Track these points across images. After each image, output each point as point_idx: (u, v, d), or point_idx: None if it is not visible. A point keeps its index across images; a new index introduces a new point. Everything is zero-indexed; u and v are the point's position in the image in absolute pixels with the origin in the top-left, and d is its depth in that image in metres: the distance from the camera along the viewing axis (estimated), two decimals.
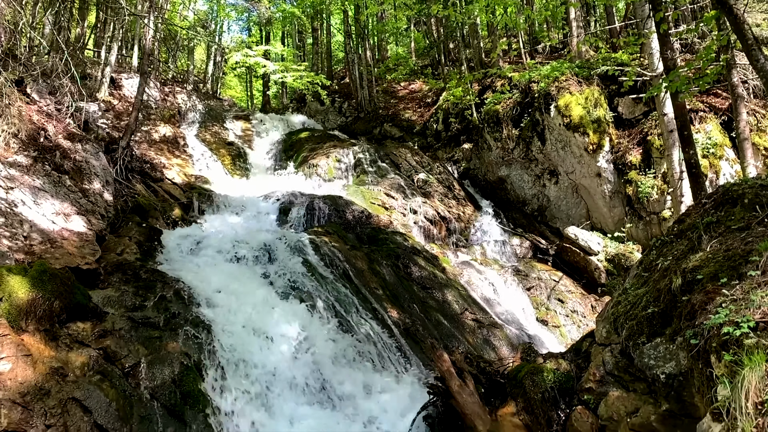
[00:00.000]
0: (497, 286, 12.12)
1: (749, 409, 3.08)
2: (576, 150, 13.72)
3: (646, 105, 13.41)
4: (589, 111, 13.48)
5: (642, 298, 5.14)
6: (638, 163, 12.86)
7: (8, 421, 4.74)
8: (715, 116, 12.57)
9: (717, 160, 11.89)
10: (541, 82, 14.37)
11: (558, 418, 5.30)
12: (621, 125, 13.73)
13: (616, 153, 13.34)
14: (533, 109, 14.82)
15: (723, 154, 12.00)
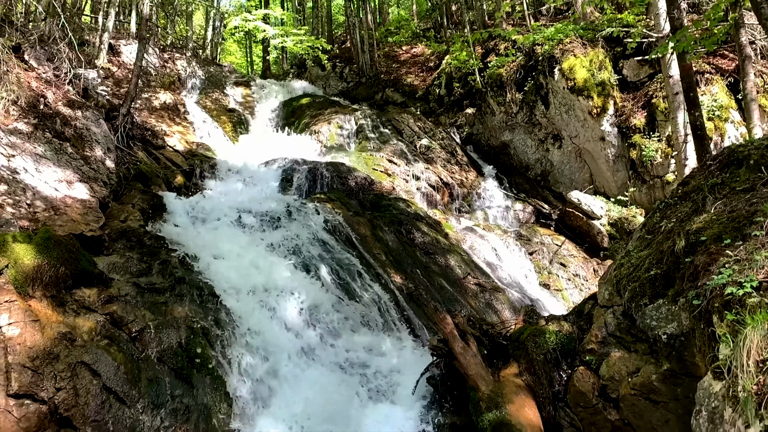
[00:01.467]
0: (499, 251, 12.16)
1: (750, 367, 3.11)
2: (580, 114, 13.59)
3: (652, 67, 13.22)
4: (593, 74, 13.31)
5: (645, 260, 5.15)
6: (642, 127, 12.75)
7: (19, 385, 4.82)
8: (721, 78, 12.40)
9: (722, 123, 11.78)
10: (545, 44, 14.15)
11: (560, 379, 5.37)
12: (626, 88, 13.56)
13: (620, 116, 13.21)
14: (537, 72, 14.63)
15: (728, 116, 11.87)
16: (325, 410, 5.69)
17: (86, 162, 8.57)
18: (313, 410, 5.66)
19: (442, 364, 6.25)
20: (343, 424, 5.53)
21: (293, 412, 5.65)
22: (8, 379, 4.83)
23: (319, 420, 5.51)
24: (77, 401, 5.01)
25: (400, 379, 6.54)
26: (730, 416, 3.19)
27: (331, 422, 5.51)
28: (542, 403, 5.25)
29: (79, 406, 4.99)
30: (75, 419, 4.90)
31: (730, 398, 3.23)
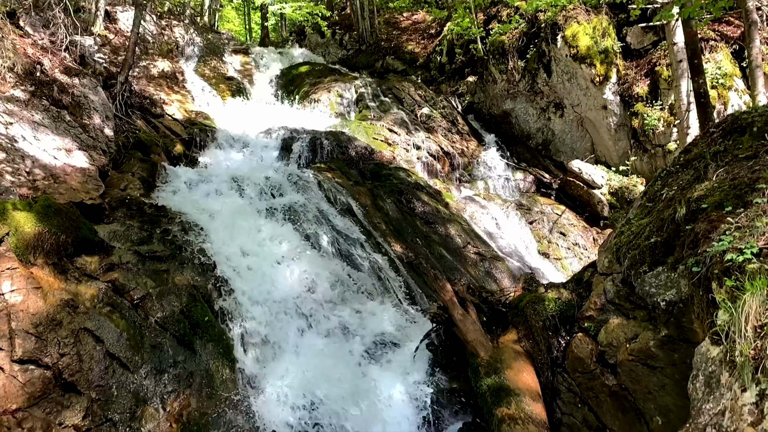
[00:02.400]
0: (500, 220, 12.17)
1: (748, 333, 3.13)
2: (582, 82, 13.45)
3: (656, 34, 13.02)
4: (596, 41, 13.13)
5: (645, 228, 5.15)
6: (645, 95, 12.63)
7: (23, 351, 4.87)
8: (726, 45, 12.23)
9: (726, 91, 11.66)
10: (548, 11, 13.93)
11: (558, 345, 5.42)
12: (629, 56, 13.39)
13: (622, 85, 13.08)
14: (539, 39, 14.43)
15: (732, 84, 11.75)
16: (326, 376, 5.76)
17: (85, 130, 8.51)
18: (314, 376, 5.73)
19: (441, 330, 6.31)
20: (343, 389, 5.61)
21: (294, 377, 5.72)
22: (12, 345, 4.87)
23: (320, 385, 5.58)
24: (81, 367, 5.07)
25: (399, 346, 6.61)
26: (727, 380, 3.22)
27: (332, 387, 5.59)
28: (540, 368, 5.31)
29: (83, 372, 5.05)
30: (79, 384, 4.96)
31: (728, 363, 3.26)
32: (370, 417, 5.27)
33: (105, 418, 4.90)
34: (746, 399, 2.99)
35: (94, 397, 4.98)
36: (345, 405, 5.36)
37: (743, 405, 2.99)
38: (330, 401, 5.38)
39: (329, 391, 5.51)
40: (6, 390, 4.64)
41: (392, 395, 5.61)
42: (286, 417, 5.14)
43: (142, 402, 5.12)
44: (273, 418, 5.09)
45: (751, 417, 2.91)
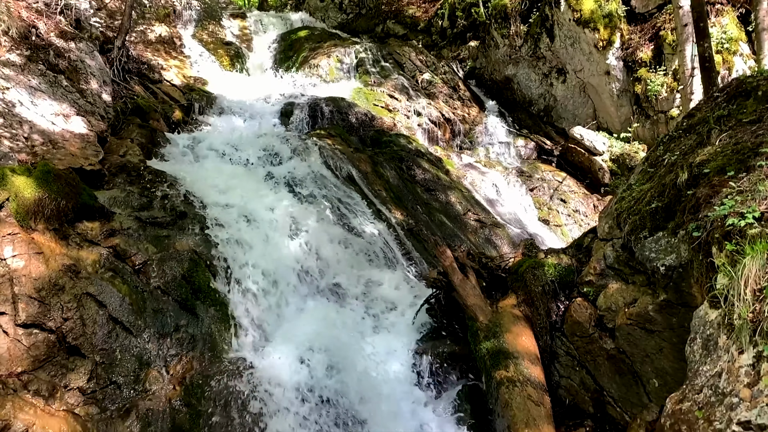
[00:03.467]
0: (500, 187, 12.15)
1: (747, 296, 3.16)
2: (585, 47, 13.26)
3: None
4: (600, 5, 12.89)
5: (646, 193, 5.14)
6: (649, 60, 12.45)
7: (26, 315, 4.91)
8: (732, 9, 12.02)
9: (731, 56, 11.50)
10: None
11: (557, 310, 5.47)
12: (633, 20, 13.16)
13: (626, 50, 12.89)
14: (542, 3, 14.17)
15: (737, 49, 11.58)
16: (327, 339, 5.82)
17: (82, 95, 8.43)
18: (315, 339, 5.78)
19: (441, 295, 6.36)
20: (343, 352, 5.67)
21: (295, 340, 5.78)
22: (16, 310, 4.91)
23: (321, 348, 5.64)
24: (84, 331, 5.12)
25: (400, 311, 6.67)
26: (725, 343, 3.26)
27: (333, 350, 5.65)
28: (539, 332, 5.37)
29: (87, 336, 5.11)
30: (83, 348, 5.02)
31: (725, 326, 3.30)
32: (370, 379, 5.34)
33: (109, 381, 4.97)
34: (743, 361, 3.03)
35: (98, 360, 5.04)
36: (345, 367, 5.42)
37: (740, 367, 3.03)
38: (330, 364, 5.45)
39: (330, 354, 5.57)
40: (11, 353, 4.70)
41: (392, 358, 5.67)
42: (287, 378, 5.21)
43: (146, 365, 5.19)
44: (274, 380, 5.16)
45: (747, 378, 2.96)
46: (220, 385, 5.13)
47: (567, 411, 4.97)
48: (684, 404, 3.37)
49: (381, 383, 5.33)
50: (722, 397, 3.09)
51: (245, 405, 4.96)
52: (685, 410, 3.33)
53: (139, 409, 4.85)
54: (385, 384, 5.34)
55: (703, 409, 3.19)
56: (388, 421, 5.01)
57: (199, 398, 5.02)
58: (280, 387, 5.12)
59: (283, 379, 5.21)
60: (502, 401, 4.60)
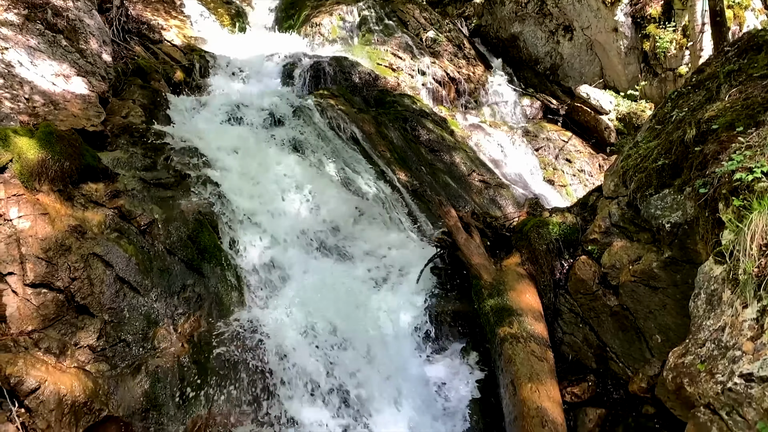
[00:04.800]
0: (505, 148, 12.06)
1: (753, 251, 3.15)
2: (593, 2, 12.96)
3: None
4: None
5: (653, 150, 5.09)
6: (658, 16, 12.18)
7: (34, 275, 4.96)
8: None
9: (742, 11, 11.24)
10: None
11: (561, 268, 5.49)
12: None
13: (635, 5, 12.59)
14: None
15: (749, 4, 11.31)
16: (332, 298, 5.88)
17: (82, 55, 8.31)
18: (320, 298, 5.84)
19: (445, 255, 6.38)
20: (349, 310, 5.73)
21: (300, 299, 5.83)
22: (24, 270, 4.96)
23: (327, 306, 5.70)
24: (92, 290, 5.18)
25: (404, 270, 6.69)
26: (729, 298, 3.27)
27: (338, 308, 5.71)
28: (543, 290, 5.40)
29: (95, 295, 5.16)
30: (92, 307, 5.08)
31: (730, 281, 3.30)
32: (375, 337, 5.41)
33: (118, 339, 5.05)
34: (747, 315, 3.04)
35: (107, 319, 5.11)
36: (350, 325, 5.49)
37: (744, 321, 3.05)
38: (336, 322, 5.51)
39: (335, 312, 5.63)
40: (21, 312, 4.76)
41: (397, 316, 5.73)
42: (293, 336, 5.28)
43: (154, 324, 5.26)
44: (280, 337, 5.23)
45: (750, 332, 2.97)
46: (227, 342, 5.21)
47: (570, 366, 5.04)
48: (686, 358, 3.40)
49: (386, 340, 5.40)
50: (725, 350, 3.12)
51: (252, 361, 5.04)
52: (687, 364, 3.37)
53: (149, 366, 4.94)
54: (391, 340, 5.41)
55: (705, 363, 3.22)
56: (394, 375, 5.09)
57: (207, 356, 5.10)
58: (286, 343, 5.19)
59: (289, 336, 5.28)
60: (506, 357, 4.66)
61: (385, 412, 4.83)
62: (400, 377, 5.08)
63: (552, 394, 4.28)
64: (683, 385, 3.36)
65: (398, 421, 4.78)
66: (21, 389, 4.18)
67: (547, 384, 4.32)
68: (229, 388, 4.91)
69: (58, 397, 4.30)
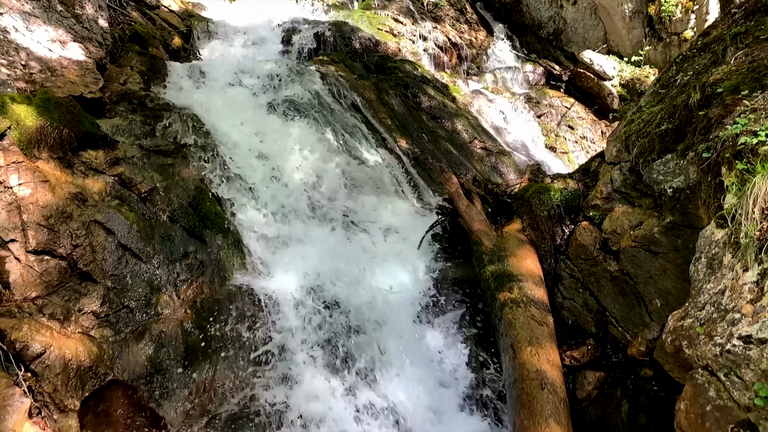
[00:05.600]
0: (507, 114, 11.96)
1: (755, 214, 3.14)
2: None
3: None
4: None
5: (656, 115, 5.04)
6: None
7: (36, 242, 4.97)
8: None
9: None
10: None
11: (562, 234, 5.49)
12: None
13: None
14: None
15: None
16: (333, 264, 5.90)
17: (78, 21, 8.18)
18: (321, 263, 5.87)
19: (446, 222, 6.38)
20: (350, 276, 5.76)
21: (302, 265, 5.85)
22: (26, 237, 4.97)
23: (327, 272, 5.73)
24: (95, 257, 5.19)
25: (405, 237, 6.71)
26: (729, 261, 3.27)
27: (339, 274, 5.74)
28: (544, 256, 5.41)
29: (97, 262, 5.18)
30: (94, 273, 5.11)
31: (731, 244, 3.30)
32: (376, 302, 5.45)
33: (122, 305, 5.09)
34: (747, 278, 3.05)
35: (110, 285, 5.14)
36: (352, 290, 5.52)
37: (744, 284, 3.05)
38: (337, 287, 5.54)
39: (337, 279, 5.66)
40: (24, 279, 4.79)
41: (398, 282, 5.76)
42: (294, 300, 5.32)
43: (157, 290, 5.29)
44: (282, 303, 5.27)
45: (750, 295, 2.98)
46: (230, 309, 5.25)
47: (569, 331, 5.08)
48: (686, 321, 3.42)
49: (387, 305, 5.44)
50: (724, 313, 3.13)
51: (254, 326, 5.09)
52: (686, 326, 3.39)
53: (152, 332, 4.99)
54: (391, 305, 5.45)
55: (704, 325, 3.24)
56: (394, 339, 5.15)
57: (211, 321, 5.14)
58: (288, 308, 5.23)
59: (290, 301, 5.32)
60: (506, 321, 4.69)
61: (388, 374, 4.89)
62: (401, 341, 5.13)
63: (551, 358, 4.32)
64: (682, 347, 3.39)
65: (400, 384, 4.85)
66: (26, 354, 4.23)
67: (547, 348, 4.36)
68: (232, 352, 4.97)
69: (63, 361, 4.35)
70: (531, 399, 3.92)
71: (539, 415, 3.78)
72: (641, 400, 4.19)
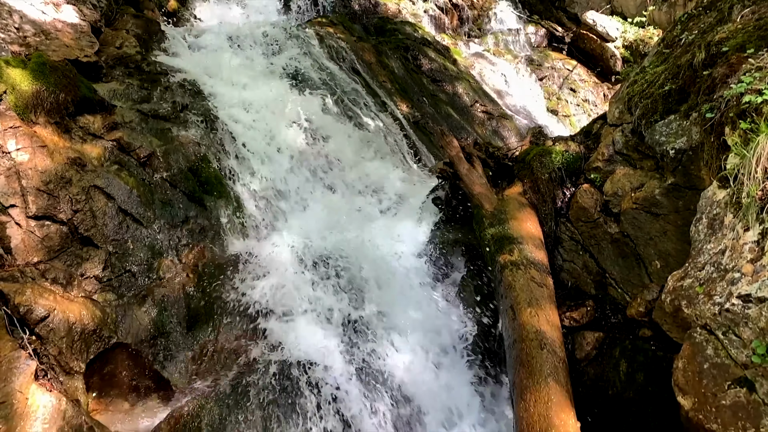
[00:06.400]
0: (509, 77, 11.82)
1: (758, 174, 3.12)
2: None
3: None
4: None
5: (660, 75, 4.98)
6: None
7: (36, 207, 4.97)
8: None
9: None
10: None
11: (563, 196, 5.48)
12: None
13: None
14: None
15: None
16: (335, 228, 5.92)
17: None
18: (323, 228, 5.88)
19: (447, 185, 6.36)
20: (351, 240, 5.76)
21: (303, 229, 5.87)
22: (25, 202, 4.96)
23: (330, 236, 5.75)
24: (95, 222, 5.20)
25: (405, 202, 6.71)
26: (731, 221, 3.27)
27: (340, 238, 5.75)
28: (544, 219, 5.41)
29: (98, 227, 5.19)
30: (95, 238, 5.12)
31: (733, 204, 3.29)
32: (377, 264, 5.46)
33: (124, 270, 5.11)
34: (748, 238, 3.05)
35: (111, 250, 5.15)
36: (353, 253, 5.54)
37: (744, 243, 3.06)
38: (339, 250, 5.55)
39: (338, 242, 5.67)
40: (26, 244, 4.80)
41: (398, 246, 5.76)
42: (297, 265, 5.34)
43: (158, 254, 5.31)
44: (284, 266, 5.30)
45: (751, 254, 2.99)
46: (231, 272, 5.27)
47: (569, 293, 5.11)
48: (685, 281, 3.44)
49: (389, 267, 5.46)
50: (724, 273, 3.14)
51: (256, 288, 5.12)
52: (686, 286, 3.41)
53: (155, 296, 5.02)
54: (392, 268, 5.47)
55: (704, 285, 3.25)
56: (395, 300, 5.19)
57: (212, 285, 5.18)
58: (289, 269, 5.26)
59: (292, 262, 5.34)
60: (506, 283, 4.72)
61: (390, 335, 4.95)
62: (402, 303, 5.17)
63: (551, 319, 4.36)
64: (681, 307, 3.41)
65: (404, 345, 4.91)
66: (31, 317, 4.27)
67: (546, 309, 4.40)
68: (234, 315, 5.01)
69: (67, 325, 4.39)
70: (530, 359, 3.97)
71: (538, 374, 3.83)
72: (639, 359, 4.25)
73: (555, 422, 3.48)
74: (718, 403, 3.00)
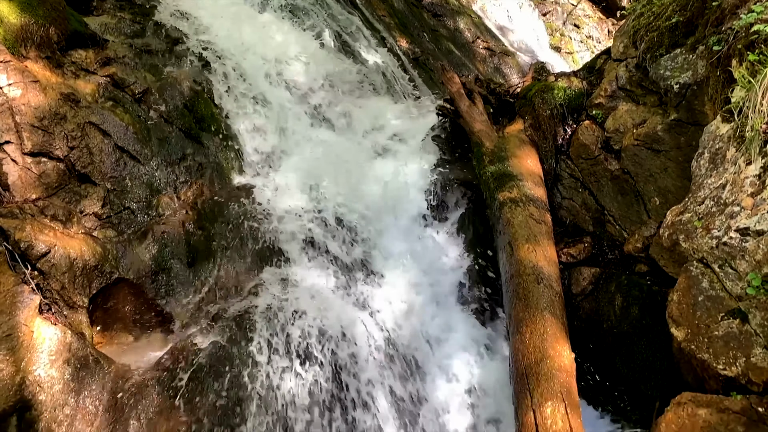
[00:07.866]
0: (512, 13, 11.51)
1: (763, 107, 3.07)
2: None
3: None
4: None
5: (668, 7, 4.83)
6: None
7: (32, 144, 4.91)
8: None
9: None
10: None
11: (564, 134, 5.43)
12: None
13: None
14: None
15: None
16: (333, 165, 5.88)
17: None
18: (322, 165, 5.84)
19: (447, 123, 6.29)
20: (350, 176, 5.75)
21: (302, 166, 5.83)
22: (20, 139, 4.90)
23: (328, 172, 5.71)
24: (92, 159, 5.15)
25: (405, 139, 6.63)
26: (733, 155, 3.24)
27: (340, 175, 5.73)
28: (545, 156, 5.38)
29: (95, 164, 5.14)
30: (93, 175, 5.08)
31: (736, 138, 3.26)
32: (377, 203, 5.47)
33: (123, 207, 5.10)
34: (750, 171, 3.03)
35: (110, 187, 5.13)
36: (352, 189, 5.53)
37: (746, 177, 3.04)
38: (338, 186, 5.55)
39: (337, 178, 5.66)
40: (23, 180, 4.77)
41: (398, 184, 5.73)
42: (296, 203, 5.35)
43: (157, 192, 5.29)
44: (282, 203, 5.30)
45: (752, 188, 2.98)
46: (230, 208, 5.27)
47: (567, 230, 5.14)
48: (684, 215, 3.44)
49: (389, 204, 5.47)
50: (723, 207, 3.14)
51: (256, 227, 5.14)
52: (684, 221, 3.41)
53: (155, 232, 5.03)
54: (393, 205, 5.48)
55: (702, 219, 3.26)
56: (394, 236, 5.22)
57: (212, 221, 5.19)
58: (288, 206, 5.26)
59: (292, 202, 5.35)
60: (504, 220, 4.72)
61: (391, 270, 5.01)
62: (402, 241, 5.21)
63: (548, 254, 4.39)
64: (678, 241, 3.43)
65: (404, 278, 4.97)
66: (32, 253, 4.29)
67: (544, 244, 4.42)
68: (234, 251, 5.04)
69: (68, 260, 4.42)
70: (527, 293, 4.02)
71: (535, 307, 3.89)
72: (634, 294, 4.31)
73: (550, 353, 3.55)
74: (711, 333, 3.06)
